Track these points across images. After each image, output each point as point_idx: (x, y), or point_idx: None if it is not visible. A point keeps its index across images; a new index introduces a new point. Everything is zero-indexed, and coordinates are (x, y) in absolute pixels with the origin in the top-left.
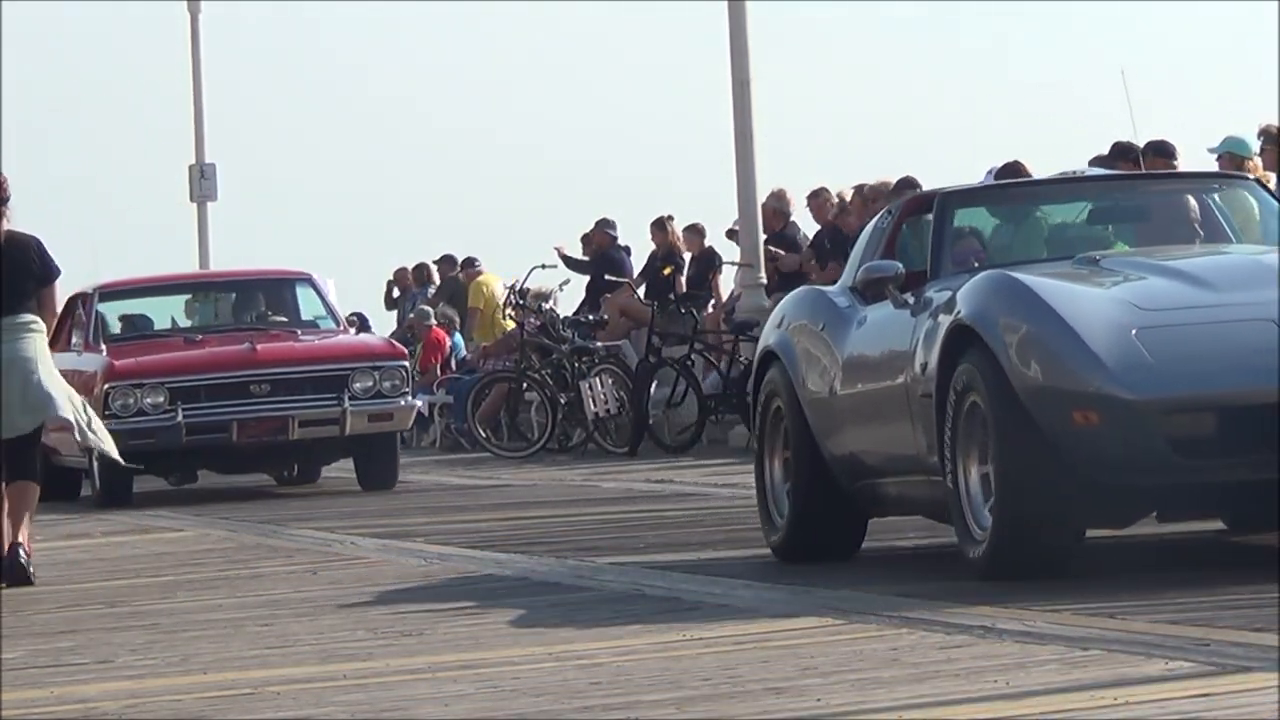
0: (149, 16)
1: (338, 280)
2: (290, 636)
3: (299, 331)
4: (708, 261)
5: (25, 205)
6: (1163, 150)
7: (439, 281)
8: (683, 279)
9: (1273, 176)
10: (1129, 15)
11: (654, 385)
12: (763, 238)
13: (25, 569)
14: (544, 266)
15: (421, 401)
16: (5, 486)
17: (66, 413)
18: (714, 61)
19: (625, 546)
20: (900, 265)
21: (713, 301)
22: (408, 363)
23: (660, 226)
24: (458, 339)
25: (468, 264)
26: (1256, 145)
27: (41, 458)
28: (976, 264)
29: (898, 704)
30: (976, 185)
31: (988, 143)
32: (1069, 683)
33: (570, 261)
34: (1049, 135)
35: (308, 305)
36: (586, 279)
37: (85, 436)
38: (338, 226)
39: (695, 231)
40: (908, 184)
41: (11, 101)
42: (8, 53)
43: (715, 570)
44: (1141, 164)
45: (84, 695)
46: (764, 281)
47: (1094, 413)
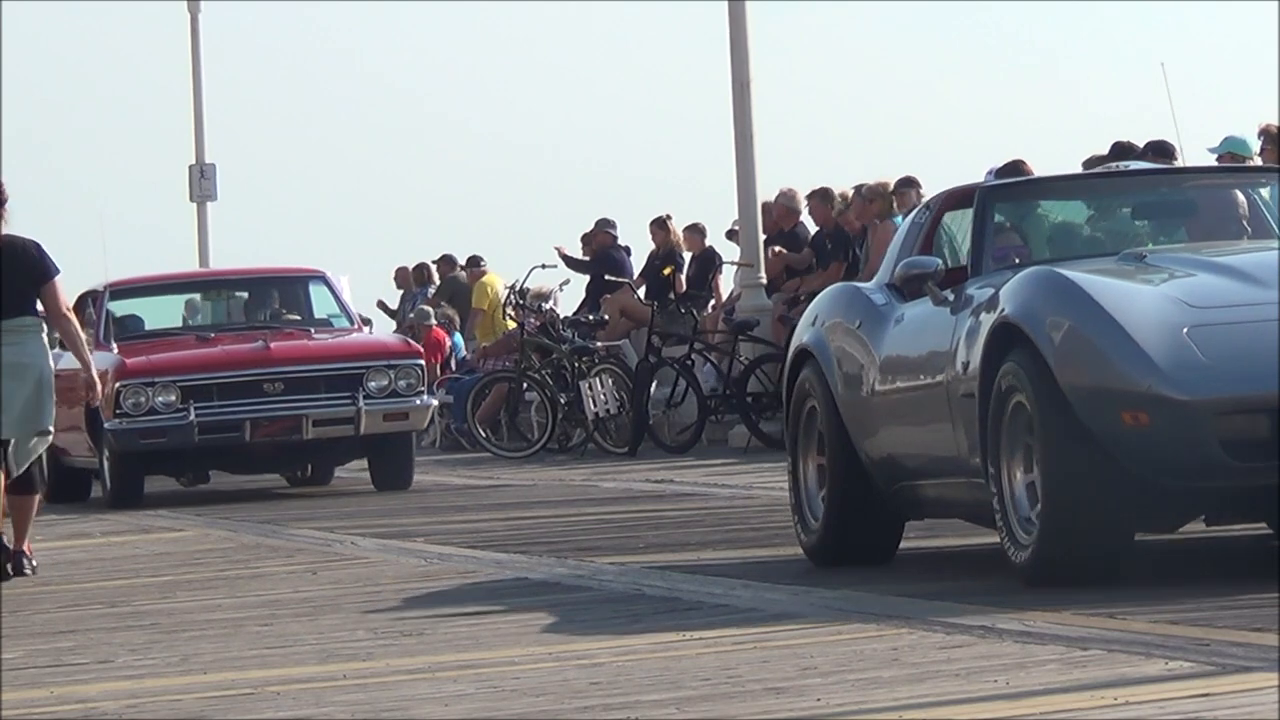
0: (149, 16)
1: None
2: (290, 636)
3: (313, 330)
4: (708, 261)
5: (25, 205)
6: (1162, 150)
7: (439, 281)
8: (683, 279)
9: None
10: (1130, 15)
11: (654, 385)
12: (763, 237)
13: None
14: (544, 266)
15: None
16: (6, 497)
17: (49, 425)
18: (714, 62)
19: (625, 546)
20: (940, 261)
21: (713, 301)
22: (423, 361)
23: (660, 226)
24: (458, 339)
25: (472, 263)
26: (1257, 145)
27: (50, 458)
28: (1017, 260)
29: (898, 704)
30: (1019, 180)
31: (988, 143)
32: (1069, 683)
33: (570, 261)
34: (1049, 135)
35: (321, 303)
36: (586, 279)
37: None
38: (337, 227)
39: (695, 231)
40: (908, 184)
41: (11, 101)
42: (8, 53)
43: (715, 570)
44: (1180, 158)
45: (84, 695)
46: (764, 281)
47: (1144, 413)
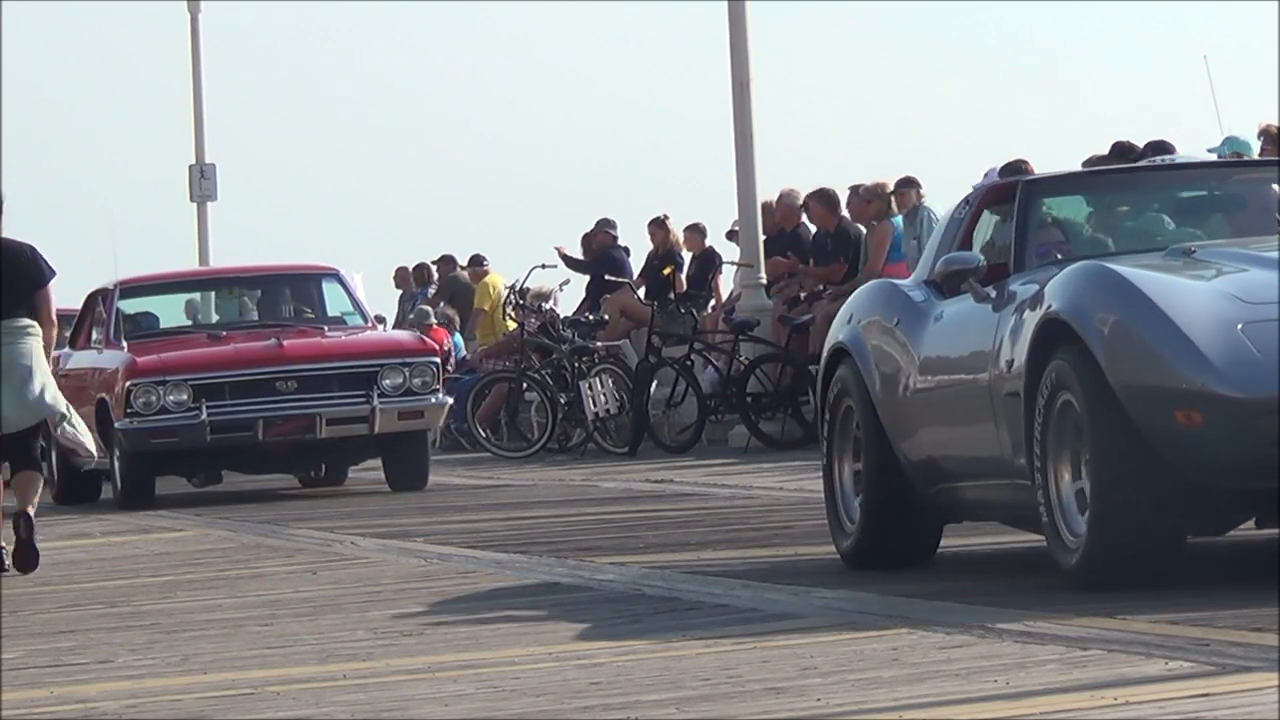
0: (149, 16)
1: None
2: (290, 636)
3: (326, 328)
4: (708, 261)
5: (25, 205)
6: (1161, 150)
7: (439, 281)
8: (683, 279)
9: None
10: (1130, 15)
11: (654, 385)
12: (763, 238)
13: (31, 543)
14: (544, 266)
15: None
16: (10, 477)
17: (60, 406)
18: (714, 61)
19: (625, 546)
20: (982, 257)
21: (713, 301)
22: (439, 359)
23: (659, 226)
24: (458, 339)
25: (475, 262)
26: (1256, 145)
27: (60, 460)
28: (1060, 256)
29: (898, 704)
30: (1062, 173)
31: (988, 143)
32: (1069, 683)
33: (570, 261)
34: (1049, 135)
35: (334, 301)
36: (586, 279)
37: (63, 431)
38: (337, 227)
39: (695, 231)
40: (907, 184)
41: (12, 101)
42: (8, 53)
43: (715, 570)
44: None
45: (84, 695)
46: (764, 281)
47: (1197, 412)
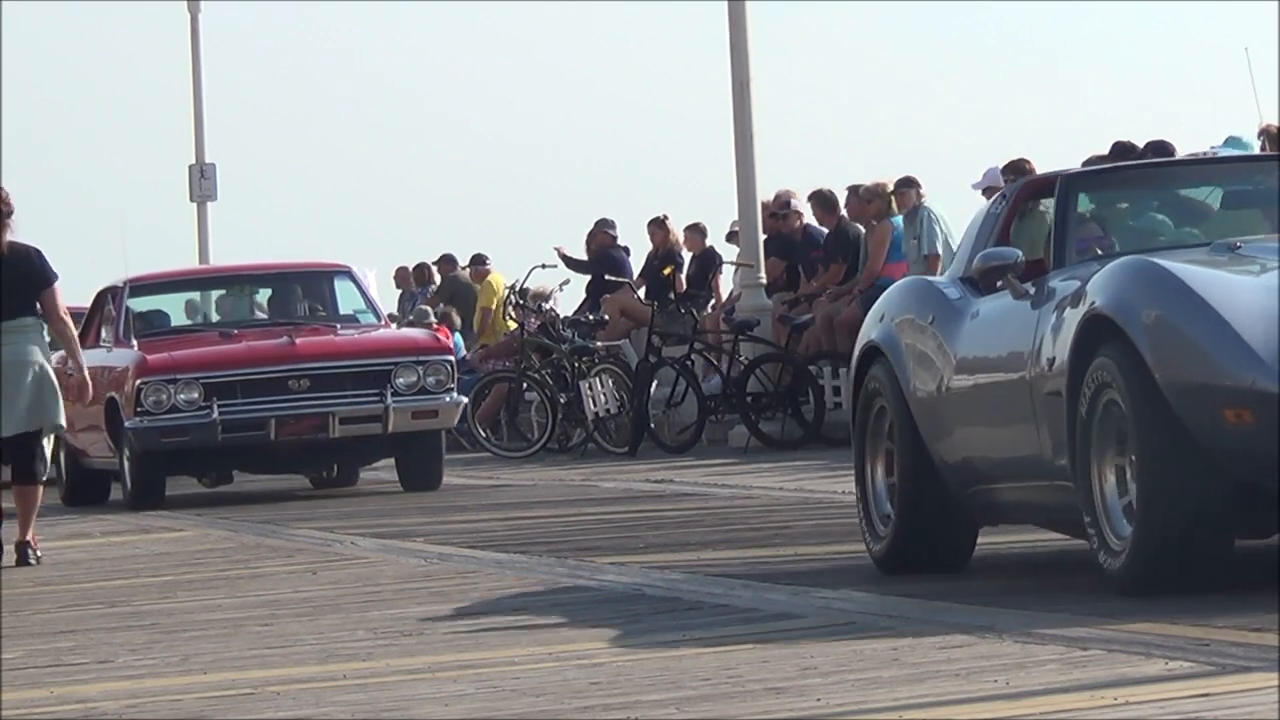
0: (149, 16)
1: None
2: (290, 636)
3: (338, 326)
4: (708, 261)
5: (25, 206)
6: (1161, 150)
7: (439, 281)
8: (683, 279)
9: None
10: (1130, 15)
11: (654, 385)
12: (763, 238)
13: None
14: (544, 266)
15: None
16: (11, 488)
17: (59, 418)
18: (714, 61)
19: (625, 546)
20: (1020, 253)
21: (713, 301)
22: (453, 357)
23: (659, 226)
24: (458, 339)
25: (477, 261)
26: (1256, 145)
27: (69, 459)
28: (1100, 251)
29: (898, 704)
30: (1102, 168)
31: (988, 143)
32: (1069, 683)
33: (570, 261)
34: (1049, 135)
35: (346, 299)
36: (586, 279)
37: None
38: (338, 226)
39: (695, 231)
40: (907, 184)
41: (12, 101)
42: (8, 53)
43: (715, 570)
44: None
45: (84, 695)
46: (764, 281)
47: (1248, 411)
